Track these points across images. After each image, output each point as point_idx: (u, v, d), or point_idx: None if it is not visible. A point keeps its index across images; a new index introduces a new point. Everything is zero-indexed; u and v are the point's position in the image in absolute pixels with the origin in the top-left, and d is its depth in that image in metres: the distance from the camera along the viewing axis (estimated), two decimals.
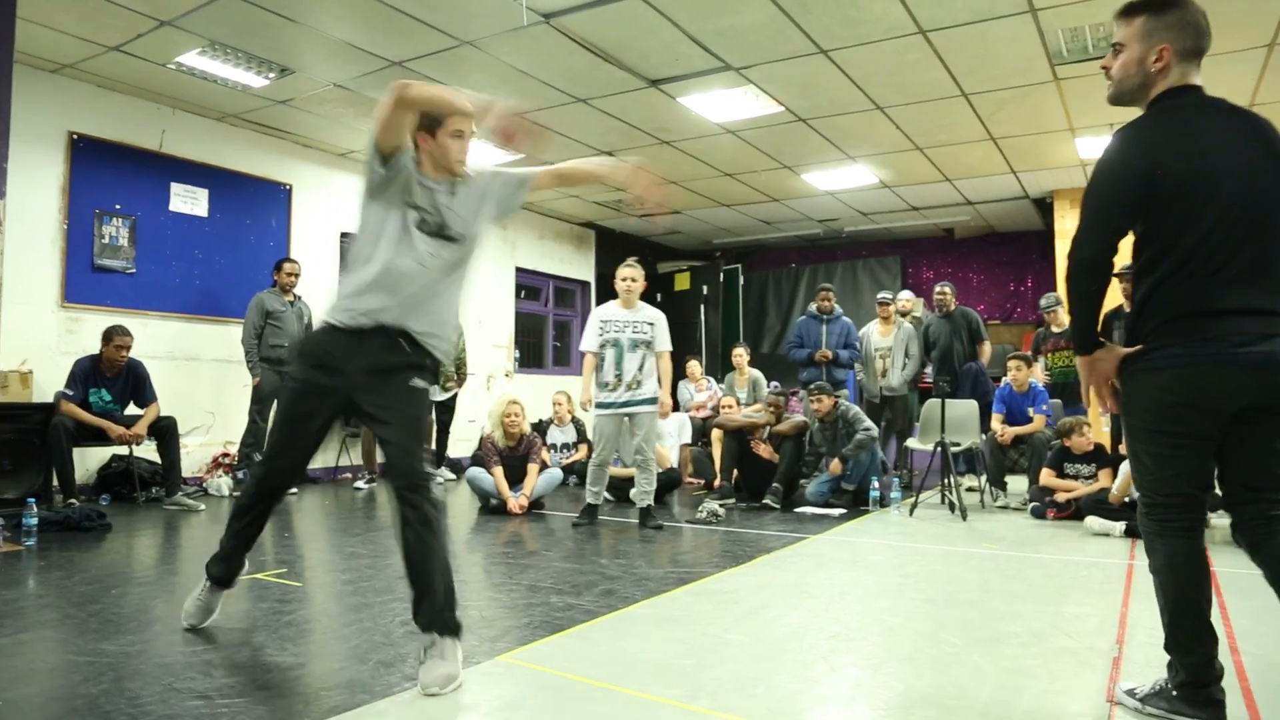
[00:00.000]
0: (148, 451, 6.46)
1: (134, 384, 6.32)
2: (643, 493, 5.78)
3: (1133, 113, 2.39)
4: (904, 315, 8.60)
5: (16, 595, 3.64)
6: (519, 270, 11.32)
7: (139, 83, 6.83)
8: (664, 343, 5.80)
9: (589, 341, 5.84)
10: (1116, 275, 6.83)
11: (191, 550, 4.91)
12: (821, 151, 8.60)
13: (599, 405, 5.80)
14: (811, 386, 7.14)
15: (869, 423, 6.90)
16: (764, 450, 6.92)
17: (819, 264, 13.43)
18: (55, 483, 5.84)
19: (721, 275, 13.01)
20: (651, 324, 5.77)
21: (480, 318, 10.48)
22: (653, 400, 5.74)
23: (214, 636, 3.01)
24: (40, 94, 6.47)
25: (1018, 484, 7.09)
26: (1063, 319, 7.81)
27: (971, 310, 8.23)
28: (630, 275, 5.80)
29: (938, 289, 8.23)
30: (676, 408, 8.79)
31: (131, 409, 6.34)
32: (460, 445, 9.21)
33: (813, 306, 8.30)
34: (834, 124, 7.74)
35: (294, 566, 4.27)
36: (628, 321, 5.76)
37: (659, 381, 5.77)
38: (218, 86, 6.86)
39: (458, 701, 2.43)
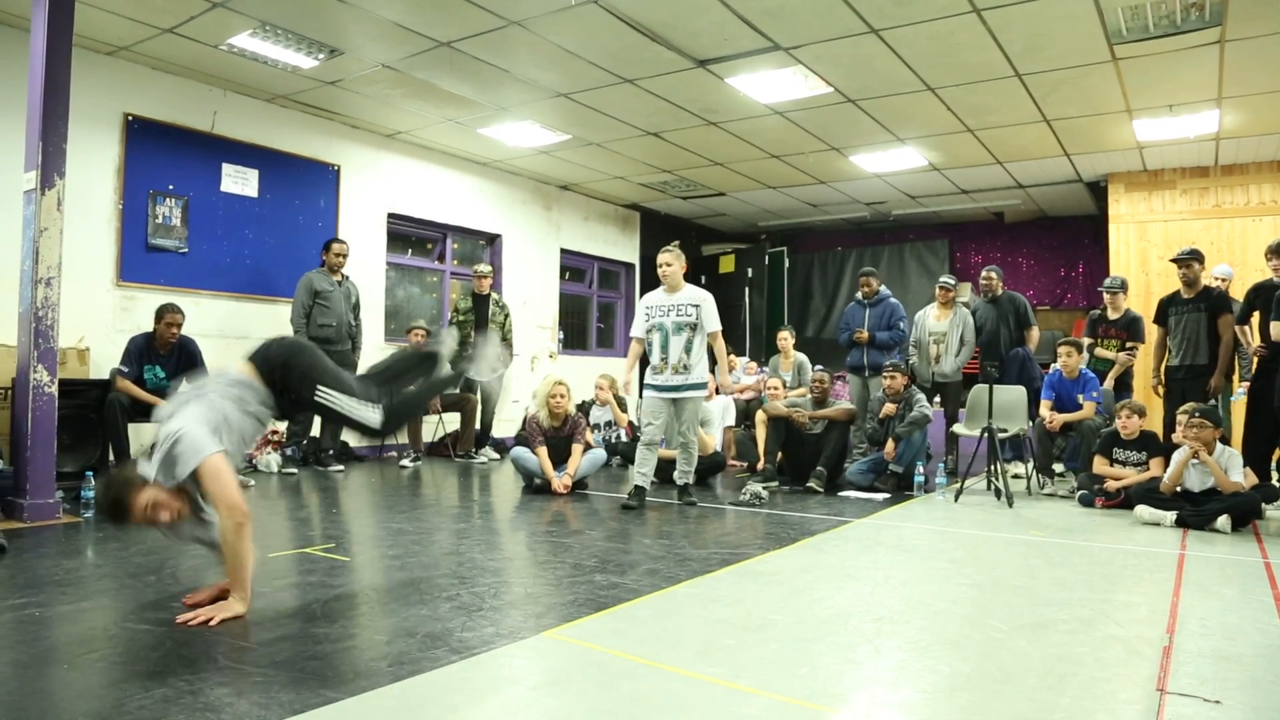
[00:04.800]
0: None
1: (186, 361, 6.44)
2: (682, 472, 5.94)
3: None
4: None
5: (77, 565, 3.75)
6: (564, 251, 11.36)
7: (191, 64, 6.93)
8: (712, 322, 5.81)
9: (636, 328, 5.98)
10: (1174, 260, 6.74)
11: None
12: (870, 133, 8.50)
13: (648, 386, 5.88)
14: (887, 364, 7.11)
15: (926, 403, 6.87)
16: (799, 416, 6.88)
17: (865, 247, 13.29)
18: (111, 457, 5.98)
19: (766, 258, 12.93)
20: (696, 305, 5.79)
21: (525, 298, 10.54)
22: (700, 385, 5.79)
23: (265, 609, 3.07)
24: (96, 76, 6.60)
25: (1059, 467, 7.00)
26: (1121, 304, 7.63)
27: (1019, 295, 8.09)
28: (665, 260, 5.87)
29: (984, 273, 8.10)
30: (718, 390, 8.78)
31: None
32: (504, 425, 9.29)
33: (858, 293, 8.22)
34: (884, 105, 7.64)
35: (341, 542, 4.33)
36: (670, 306, 5.81)
37: (715, 361, 5.83)
38: (268, 68, 6.95)
39: (505, 675, 2.46)
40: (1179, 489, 5.42)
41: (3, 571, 3.56)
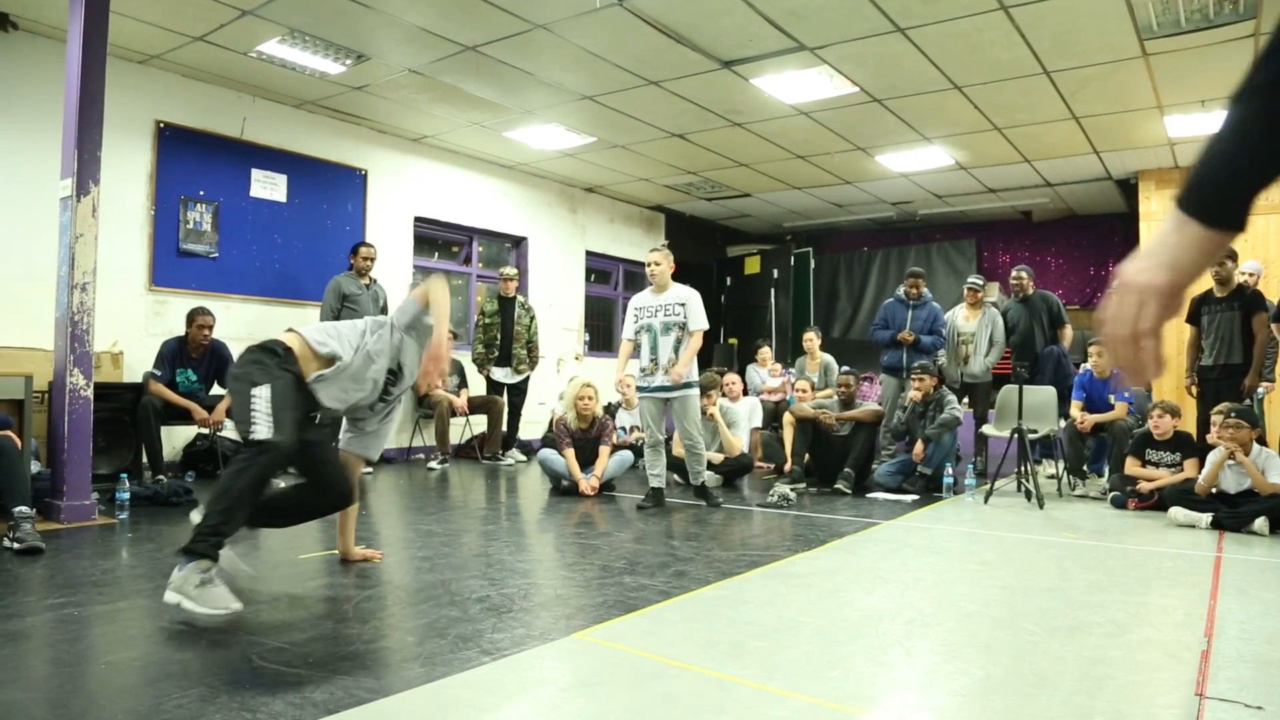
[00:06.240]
0: (230, 430, 6.66)
1: (217, 364, 6.52)
2: (695, 473, 5.95)
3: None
4: None
5: (113, 565, 3.80)
6: (589, 254, 11.38)
7: (222, 71, 7.01)
8: (697, 321, 5.74)
9: (626, 329, 5.95)
10: None
11: None
12: (896, 133, 8.45)
13: (639, 389, 5.89)
14: (915, 366, 7.05)
15: (957, 405, 6.82)
16: (826, 418, 6.85)
17: (892, 248, 13.22)
18: (145, 459, 6.06)
19: (792, 259, 12.89)
20: (683, 304, 5.75)
21: (551, 301, 10.57)
22: (692, 384, 5.77)
23: (297, 609, 3.10)
24: (129, 84, 6.69)
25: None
26: None
27: (1052, 294, 8.00)
28: (654, 259, 5.84)
29: (1014, 273, 8.02)
30: (746, 392, 8.75)
31: (216, 389, 6.54)
32: (530, 427, 9.32)
33: (900, 290, 8.09)
34: (910, 104, 7.59)
35: (371, 543, 4.35)
36: (658, 306, 5.79)
37: (684, 356, 5.72)
38: (296, 74, 7.01)
39: (536, 676, 2.47)
40: (1214, 490, 5.35)
41: (41, 572, 3.62)
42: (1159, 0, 5.45)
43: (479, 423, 8.74)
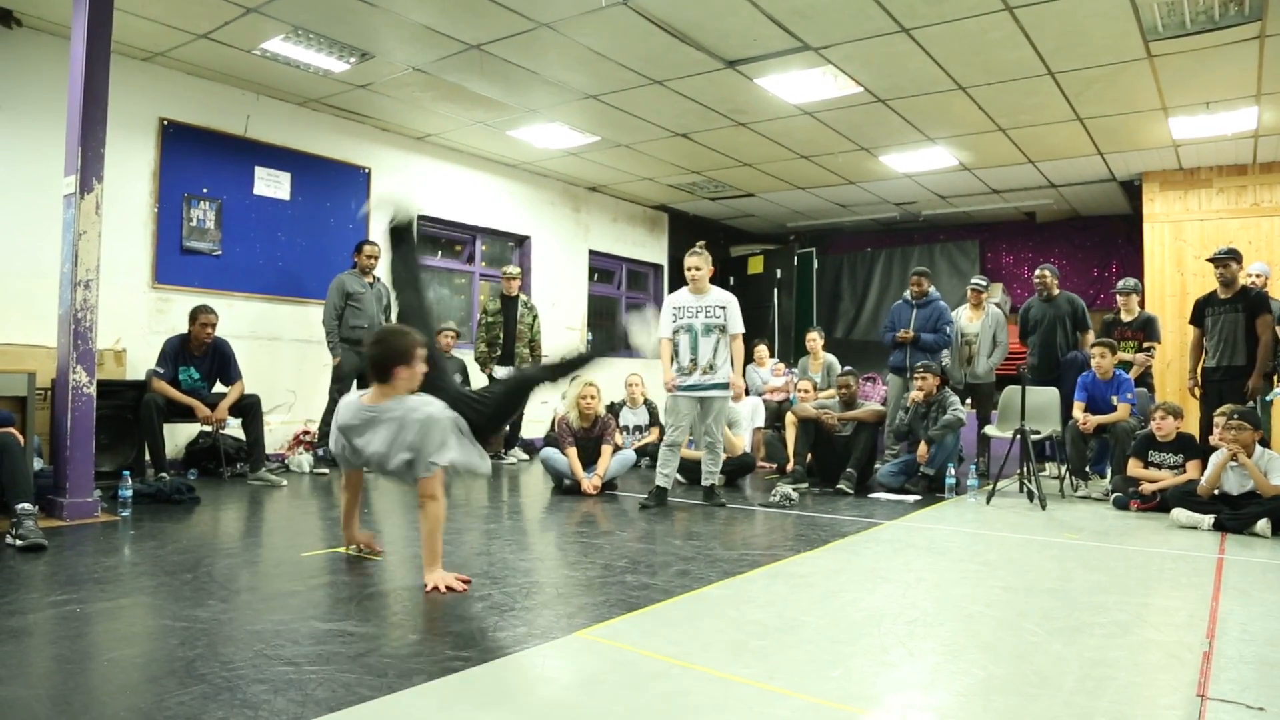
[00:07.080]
0: (233, 428, 6.67)
1: (220, 362, 6.52)
2: (709, 473, 5.94)
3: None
4: None
5: (115, 563, 3.80)
6: (592, 253, 11.38)
7: (226, 69, 7.01)
8: (736, 325, 5.83)
9: (664, 328, 5.94)
10: (1211, 260, 6.64)
11: (275, 524, 5.08)
12: (900, 133, 8.45)
13: (674, 387, 5.86)
14: (918, 365, 7.03)
15: (960, 406, 6.80)
16: (828, 419, 6.84)
17: (895, 248, 13.20)
18: (147, 457, 6.07)
19: (795, 259, 12.88)
20: (724, 307, 5.81)
21: (554, 299, 10.57)
22: (726, 385, 5.79)
23: (299, 607, 3.10)
24: (133, 82, 6.68)
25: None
26: (1134, 306, 7.55)
27: (1077, 297, 7.91)
28: (695, 264, 5.86)
29: (1038, 272, 7.91)
30: (747, 391, 8.74)
31: (218, 387, 6.55)
32: (532, 426, 9.32)
33: (906, 292, 8.06)
34: (914, 105, 7.59)
35: (373, 541, 4.36)
36: (700, 307, 5.81)
37: (731, 364, 5.81)
38: (300, 72, 7.01)
39: (537, 674, 2.47)
40: (1217, 492, 5.34)
41: (43, 569, 3.62)
42: (1164, 2, 5.45)
43: None
